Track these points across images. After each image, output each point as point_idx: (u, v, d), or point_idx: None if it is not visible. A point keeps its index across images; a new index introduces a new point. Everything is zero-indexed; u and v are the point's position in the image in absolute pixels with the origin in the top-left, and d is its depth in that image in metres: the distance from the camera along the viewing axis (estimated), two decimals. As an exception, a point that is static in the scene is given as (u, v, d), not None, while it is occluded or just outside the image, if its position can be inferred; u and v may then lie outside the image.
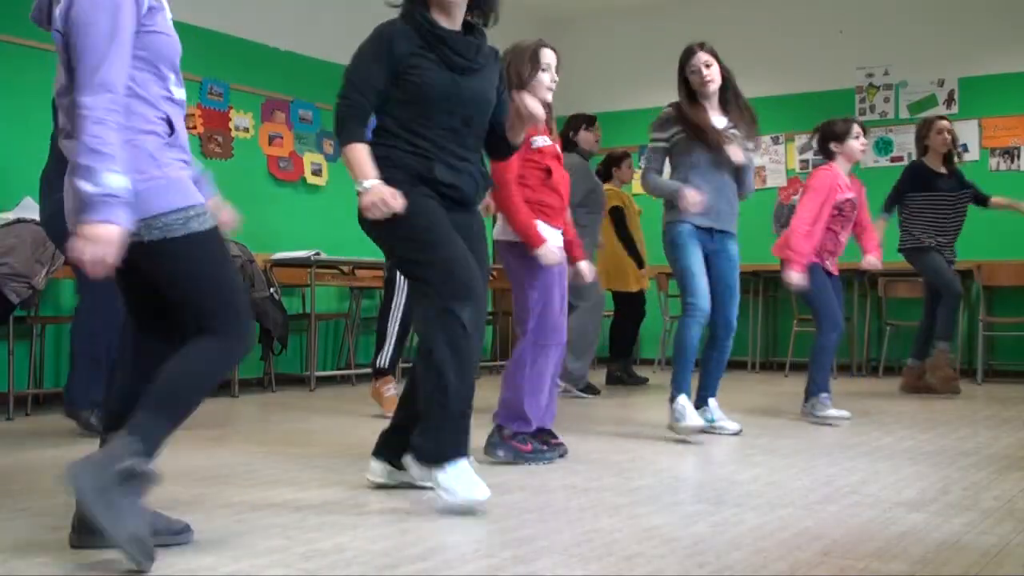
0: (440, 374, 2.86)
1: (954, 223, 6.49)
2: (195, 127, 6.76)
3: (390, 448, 3.22)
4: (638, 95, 9.35)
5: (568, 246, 4.13)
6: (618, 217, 6.96)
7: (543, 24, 9.45)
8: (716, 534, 2.64)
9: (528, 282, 3.86)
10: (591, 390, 6.43)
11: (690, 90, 4.57)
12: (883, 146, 8.63)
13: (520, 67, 3.67)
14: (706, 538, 2.60)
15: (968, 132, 8.26)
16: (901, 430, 4.77)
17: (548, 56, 3.74)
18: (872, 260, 5.47)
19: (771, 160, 9.06)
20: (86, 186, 2.17)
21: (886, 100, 8.67)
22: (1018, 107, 8.15)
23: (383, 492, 3.19)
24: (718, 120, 4.54)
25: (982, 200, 6.61)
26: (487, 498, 2.88)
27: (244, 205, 7.92)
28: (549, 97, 3.76)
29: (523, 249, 3.84)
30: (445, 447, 2.91)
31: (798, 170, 8.95)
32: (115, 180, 2.18)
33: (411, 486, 3.17)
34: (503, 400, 3.88)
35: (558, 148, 4.02)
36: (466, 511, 2.87)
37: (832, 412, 5.09)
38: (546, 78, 3.71)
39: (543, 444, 3.89)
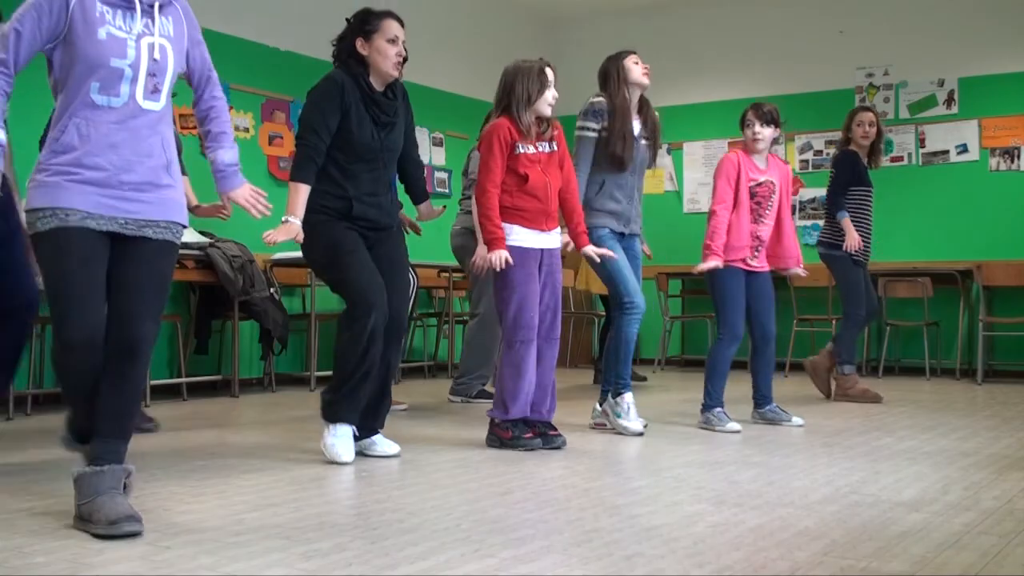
0: (344, 360, 3.77)
1: (869, 225, 6.09)
2: (196, 127, 6.75)
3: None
4: (638, 95, 9.35)
5: (573, 236, 4.36)
6: None
7: (543, 24, 9.45)
8: (716, 534, 2.64)
9: (498, 282, 4.11)
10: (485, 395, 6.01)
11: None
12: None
13: (529, 86, 4.06)
14: (706, 538, 2.60)
15: (968, 132, 8.28)
16: (901, 430, 4.77)
17: (551, 75, 4.12)
18: (797, 271, 5.11)
19: (771, 160, 9.05)
20: None
21: (886, 100, 8.67)
22: (1018, 107, 8.16)
23: (383, 493, 3.19)
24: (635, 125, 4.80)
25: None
26: (348, 462, 3.69)
27: (244, 205, 7.83)
28: (550, 112, 4.13)
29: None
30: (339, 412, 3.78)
31: (798, 170, 8.95)
32: None
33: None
34: (495, 393, 4.22)
35: (554, 150, 4.20)
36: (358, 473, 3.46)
37: (731, 426, 4.71)
38: (550, 95, 4.10)
39: (533, 435, 4.10)
